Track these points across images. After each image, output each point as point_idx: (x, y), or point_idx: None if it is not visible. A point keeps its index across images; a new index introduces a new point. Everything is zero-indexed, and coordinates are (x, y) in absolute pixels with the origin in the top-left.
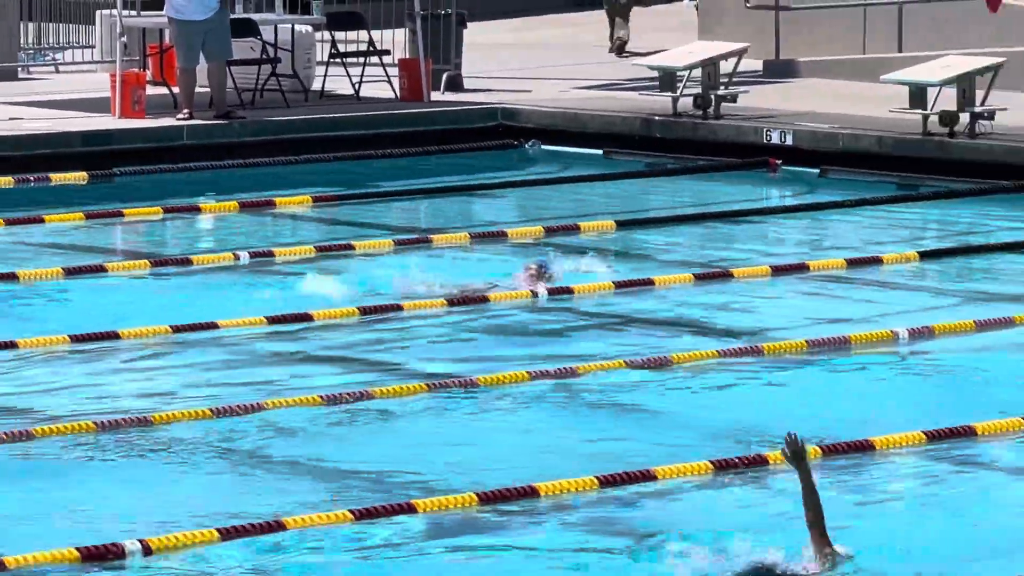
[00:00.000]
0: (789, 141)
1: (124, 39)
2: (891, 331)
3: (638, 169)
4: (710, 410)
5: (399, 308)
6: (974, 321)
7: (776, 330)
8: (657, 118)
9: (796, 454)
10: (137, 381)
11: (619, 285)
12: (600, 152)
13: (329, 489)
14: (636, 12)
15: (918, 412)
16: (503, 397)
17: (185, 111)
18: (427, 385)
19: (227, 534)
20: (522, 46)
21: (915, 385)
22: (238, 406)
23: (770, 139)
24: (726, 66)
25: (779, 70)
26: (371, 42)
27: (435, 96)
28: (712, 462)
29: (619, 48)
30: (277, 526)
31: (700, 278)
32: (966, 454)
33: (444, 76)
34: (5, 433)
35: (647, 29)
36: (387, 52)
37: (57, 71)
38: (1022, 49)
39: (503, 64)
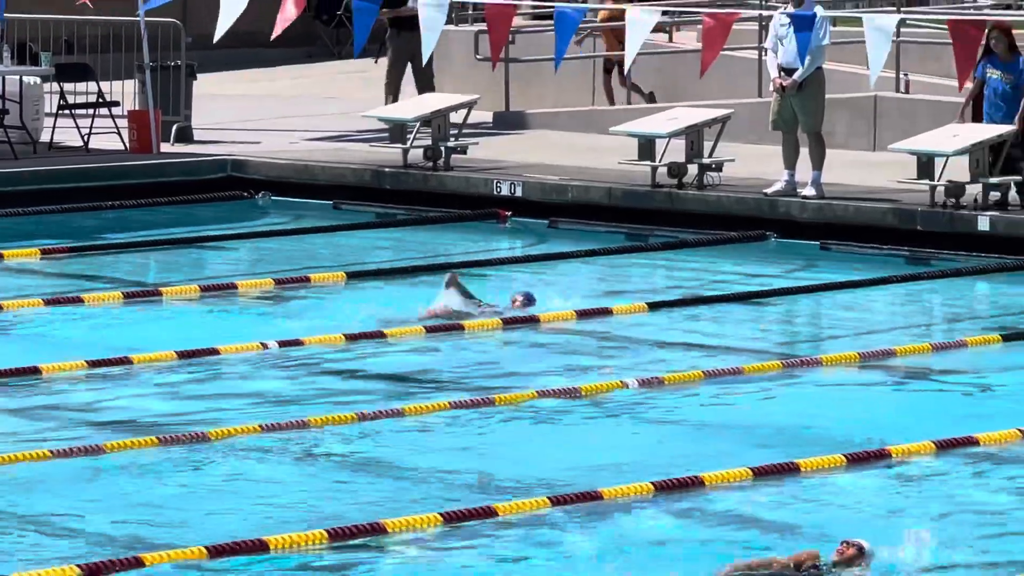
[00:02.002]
0: (519, 193)
1: None
2: (621, 381)
3: (368, 220)
4: (441, 462)
5: (129, 361)
6: (703, 371)
7: (506, 382)
8: (387, 169)
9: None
10: None
11: (349, 338)
12: (330, 203)
13: (61, 543)
14: (368, 64)
15: (647, 462)
16: (233, 451)
17: None
18: (158, 439)
19: None
20: (253, 98)
21: (644, 435)
22: None
23: (499, 191)
24: (456, 117)
25: (509, 122)
26: (100, 93)
27: (165, 148)
28: (441, 514)
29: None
30: None
31: (431, 331)
32: (694, 504)
33: (174, 128)
34: None
35: (379, 80)
36: (116, 103)
37: None
38: (749, 101)
39: (234, 116)
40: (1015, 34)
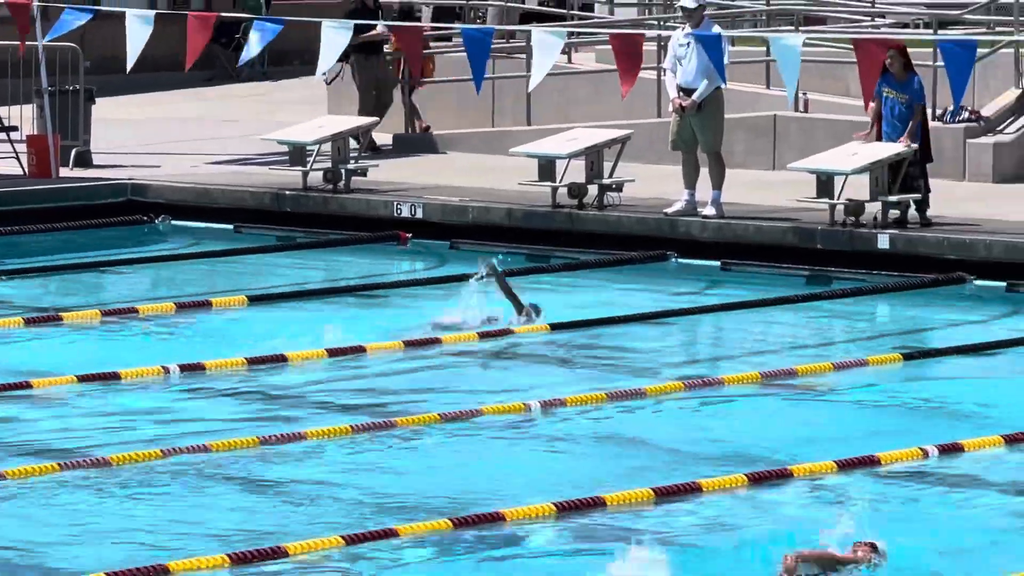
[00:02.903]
0: (419, 214)
1: None
2: (523, 403)
3: (269, 244)
4: (342, 484)
5: (29, 386)
6: (606, 393)
7: (409, 404)
8: (287, 192)
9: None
10: None
11: (252, 361)
12: (231, 227)
13: None
14: (267, 86)
15: (550, 483)
16: (134, 475)
17: None
18: (59, 464)
19: None
20: (153, 121)
21: (546, 457)
22: None
23: (400, 212)
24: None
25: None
26: None
27: (64, 172)
28: (343, 536)
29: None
30: None
31: (333, 353)
32: (596, 524)
33: (73, 152)
34: None
35: (279, 103)
36: (15, 128)
37: None
38: (648, 121)
39: (133, 140)
40: (910, 52)
